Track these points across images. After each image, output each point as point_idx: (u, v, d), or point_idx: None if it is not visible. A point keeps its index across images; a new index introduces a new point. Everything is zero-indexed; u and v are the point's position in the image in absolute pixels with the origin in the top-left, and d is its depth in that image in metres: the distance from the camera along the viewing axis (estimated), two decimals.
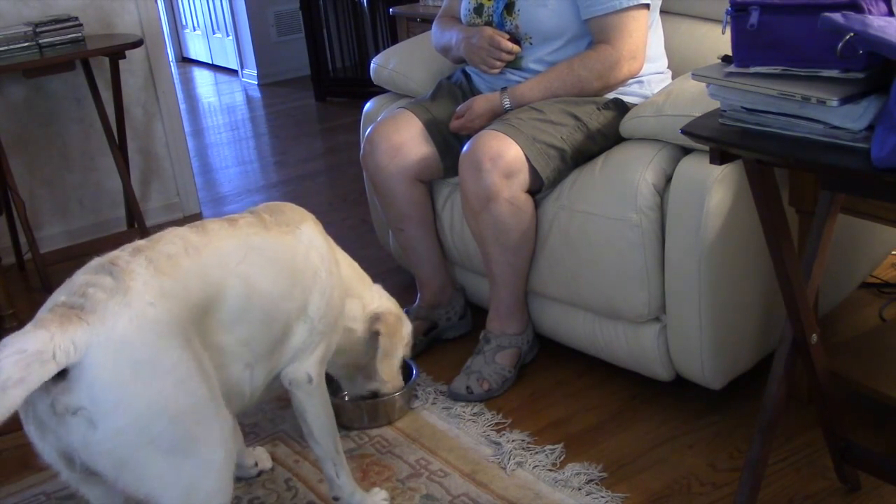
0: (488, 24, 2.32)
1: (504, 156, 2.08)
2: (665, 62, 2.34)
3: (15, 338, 1.25)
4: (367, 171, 2.44)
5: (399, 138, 2.34)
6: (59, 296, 1.37)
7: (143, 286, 1.37)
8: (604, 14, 2.15)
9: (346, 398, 2.20)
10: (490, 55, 2.29)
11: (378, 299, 2.00)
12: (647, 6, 2.17)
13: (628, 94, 2.26)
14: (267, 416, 2.23)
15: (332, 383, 2.06)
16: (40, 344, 1.24)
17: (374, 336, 1.97)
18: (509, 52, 2.27)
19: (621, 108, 2.23)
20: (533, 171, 2.11)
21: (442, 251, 2.50)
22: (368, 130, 2.43)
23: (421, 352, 2.43)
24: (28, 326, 1.28)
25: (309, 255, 1.70)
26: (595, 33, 2.19)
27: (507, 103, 2.24)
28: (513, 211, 2.12)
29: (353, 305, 1.93)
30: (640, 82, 2.27)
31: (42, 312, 1.35)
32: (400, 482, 1.96)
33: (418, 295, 2.51)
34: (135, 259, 1.42)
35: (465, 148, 2.16)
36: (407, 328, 2.07)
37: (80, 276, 1.41)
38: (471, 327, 2.51)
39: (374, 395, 2.13)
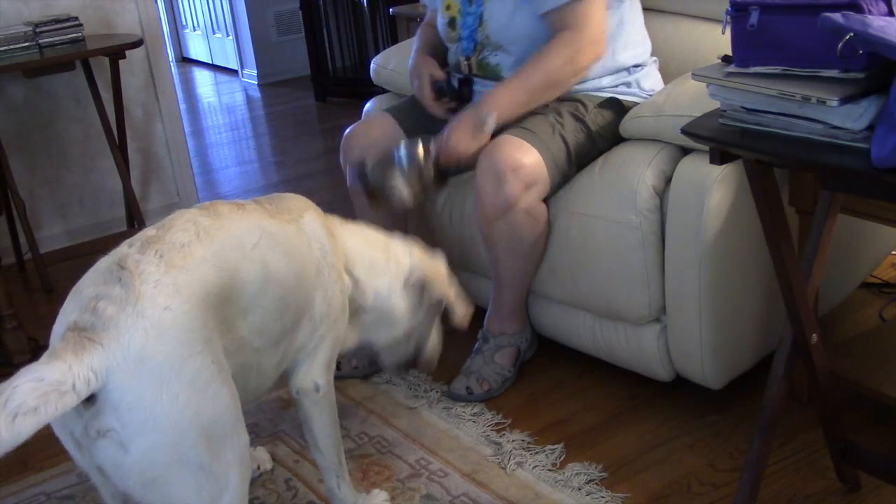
0: (461, 37, 2.31)
1: (525, 165, 2.05)
2: (649, 46, 2.32)
3: (33, 367, 1.20)
4: (345, 173, 2.44)
5: (374, 134, 2.35)
6: (70, 314, 1.30)
7: (155, 289, 1.30)
8: (560, 6, 2.12)
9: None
10: (423, 102, 2.34)
11: (410, 258, 1.90)
12: None
13: (625, 93, 2.25)
14: (267, 416, 2.23)
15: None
16: (59, 374, 1.19)
17: (430, 303, 1.92)
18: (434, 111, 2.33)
19: (618, 107, 2.23)
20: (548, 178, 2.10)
21: None
22: (348, 130, 2.43)
23: None
24: (44, 357, 1.23)
25: (311, 247, 1.64)
26: (554, 24, 2.15)
27: (490, 124, 2.16)
28: (529, 220, 2.10)
29: (380, 284, 1.83)
30: (628, 84, 2.26)
31: (55, 338, 1.30)
32: (400, 482, 1.96)
33: None
34: (145, 256, 1.35)
35: (483, 155, 2.11)
36: (444, 268, 1.98)
37: (89, 288, 1.33)
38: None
39: (414, 360, 2.04)
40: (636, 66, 2.28)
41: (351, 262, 1.79)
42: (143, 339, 1.26)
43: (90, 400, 1.24)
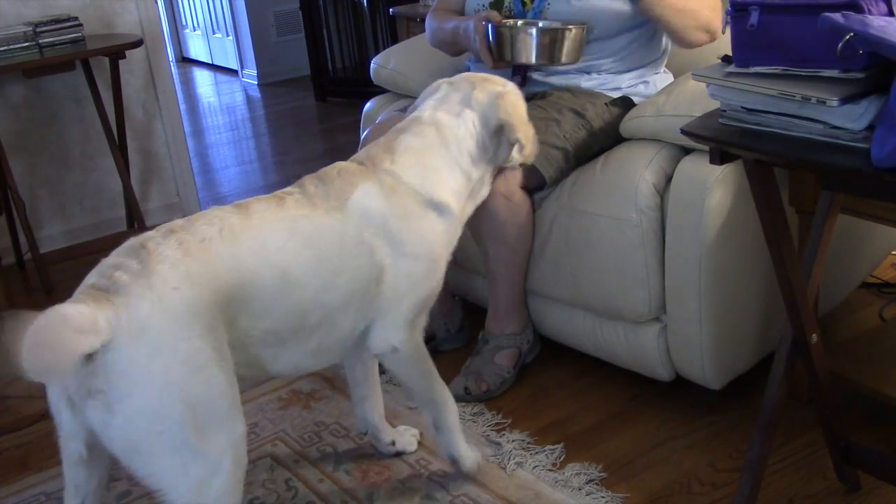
0: (509, 17, 2.29)
1: None
2: (668, 54, 2.36)
3: (60, 306, 1.28)
4: None
5: None
6: (91, 278, 1.39)
7: (168, 270, 1.37)
8: None
9: None
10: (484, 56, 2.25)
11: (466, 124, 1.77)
12: None
13: (636, 94, 2.27)
14: (267, 416, 2.23)
15: None
16: (89, 312, 1.28)
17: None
18: None
19: (628, 106, 2.23)
20: (529, 169, 2.11)
21: None
22: (365, 133, 2.42)
23: None
24: (67, 302, 1.31)
25: (362, 235, 1.59)
26: None
27: None
28: (508, 206, 2.12)
29: (456, 179, 1.73)
30: (646, 83, 2.28)
31: (76, 294, 1.37)
32: (400, 482, 1.96)
33: None
34: (166, 241, 1.41)
35: None
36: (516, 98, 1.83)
37: (111, 258, 1.42)
38: (467, 341, 2.48)
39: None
40: (656, 70, 2.31)
41: (429, 193, 1.69)
42: (149, 309, 1.33)
43: (89, 357, 1.30)
